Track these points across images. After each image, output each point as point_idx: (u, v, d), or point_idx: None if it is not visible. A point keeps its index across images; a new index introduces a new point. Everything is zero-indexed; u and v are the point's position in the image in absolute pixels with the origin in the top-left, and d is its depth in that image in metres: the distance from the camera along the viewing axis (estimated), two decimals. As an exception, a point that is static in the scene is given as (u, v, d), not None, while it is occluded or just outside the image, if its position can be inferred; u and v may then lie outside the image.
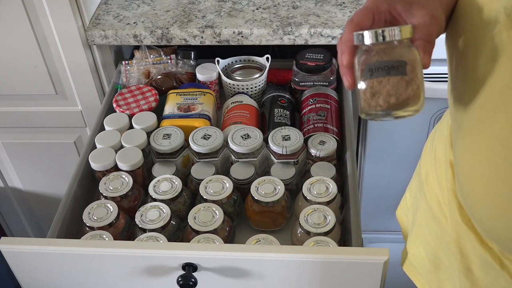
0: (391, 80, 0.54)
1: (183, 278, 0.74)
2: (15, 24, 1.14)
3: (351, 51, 0.57)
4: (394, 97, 0.54)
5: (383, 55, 0.55)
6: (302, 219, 0.84)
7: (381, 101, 0.54)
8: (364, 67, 0.55)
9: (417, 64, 0.54)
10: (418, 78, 0.54)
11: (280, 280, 0.77)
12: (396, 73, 0.54)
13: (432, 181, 0.77)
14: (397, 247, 0.94)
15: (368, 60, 0.55)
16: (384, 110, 0.55)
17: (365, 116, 0.57)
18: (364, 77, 0.55)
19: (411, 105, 0.55)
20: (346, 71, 0.58)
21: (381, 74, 0.54)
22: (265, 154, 0.99)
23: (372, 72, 0.54)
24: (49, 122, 1.33)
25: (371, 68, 0.55)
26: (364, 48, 0.56)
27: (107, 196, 0.89)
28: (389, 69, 0.54)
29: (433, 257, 0.78)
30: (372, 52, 0.55)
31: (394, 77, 0.54)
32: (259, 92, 1.16)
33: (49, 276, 0.81)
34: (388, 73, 0.54)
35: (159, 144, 0.97)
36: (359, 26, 0.57)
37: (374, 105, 0.55)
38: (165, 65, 1.16)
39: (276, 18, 1.14)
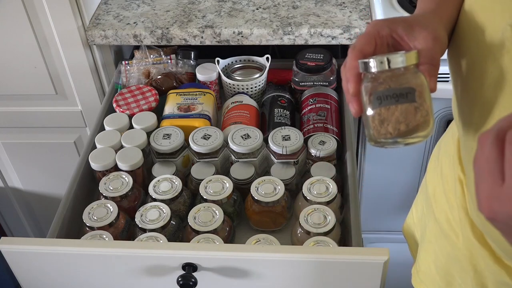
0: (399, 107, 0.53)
1: (183, 278, 0.74)
2: (15, 24, 1.14)
3: (356, 79, 0.56)
4: (404, 124, 0.53)
5: (390, 83, 0.54)
6: (302, 219, 0.83)
7: (390, 129, 0.54)
8: (372, 95, 0.54)
9: (425, 89, 0.54)
10: (427, 103, 0.54)
11: (280, 280, 0.77)
12: (405, 100, 0.53)
13: (440, 198, 0.76)
14: (397, 247, 0.94)
15: (375, 88, 0.54)
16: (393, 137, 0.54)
17: (374, 144, 0.56)
18: (372, 105, 0.54)
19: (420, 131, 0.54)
20: (353, 99, 0.57)
21: (390, 102, 0.53)
22: (265, 154, 0.99)
23: (381, 100, 0.54)
24: (49, 122, 1.33)
25: (380, 96, 0.54)
26: (370, 76, 0.55)
27: (107, 196, 0.89)
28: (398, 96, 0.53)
29: (445, 273, 0.77)
30: (379, 79, 0.55)
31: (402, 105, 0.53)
32: (259, 92, 1.16)
33: (49, 276, 0.81)
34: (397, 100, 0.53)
35: (159, 144, 0.97)
36: (362, 53, 0.56)
37: (384, 132, 0.54)
38: (165, 65, 1.16)
39: (276, 18, 1.14)
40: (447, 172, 0.74)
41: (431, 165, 0.83)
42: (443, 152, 0.77)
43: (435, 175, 0.79)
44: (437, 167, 0.78)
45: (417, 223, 0.89)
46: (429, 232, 0.80)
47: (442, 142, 0.80)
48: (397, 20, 0.58)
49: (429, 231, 0.80)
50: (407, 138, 0.54)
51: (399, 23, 0.57)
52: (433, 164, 0.81)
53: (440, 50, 0.57)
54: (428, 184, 0.81)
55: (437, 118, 1.22)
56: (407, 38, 0.57)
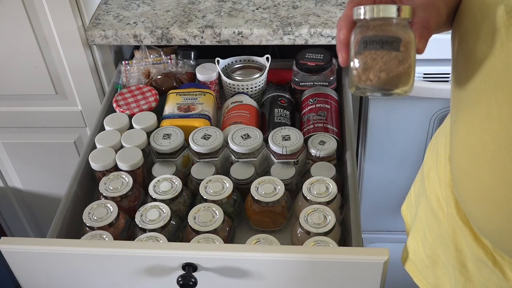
0: (384, 57, 0.55)
1: (183, 278, 0.74)
2: (15, 24, 1.14)
3: (349, 26, 0.58)
4: (385, 73, 0.55)
5: (379, 30, 0.56)
6: (302, 219, 0.84)
7: (371, 76, 0.55)
8: (359, 40, 0.56)
9: (412, 45, 0.55)
10: (411, 59, 0.55)
11: (280, 280, 0.77)
12: (389, 48, 0.55)
13: (433, 177, 0.77)
14: (397, 247, 0.94)
15: (363, 33, 0.56)
16: (373, 85, 0.56)
17: (355, 90, 0.57)
18: (358, 50, 0.56)
19: (401, 83, 0.55)
20: (342, 47, 0.58)
21: (374, 47, 0.55)
22: (265, 154, 0.99)
23: (366, 45, 0.55)
24: (49, 122, 1.33)
25: (366, 40, 0.55)
26: (362, 23, 0.57)
27: (107, 196, 0.89)
28: (383, 43, 0.55)
29: (431, 252, 0.78)
30: (369, 27, 0.56)
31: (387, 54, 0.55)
32: (259, 92, 1.16)
33: (49, 276, 0.81)
34: (382, 47, 0.55)
35: (159, 144, 0.97)
36: (359, 4, 0.57)
37: (365, 79, 0.56)
38: (165, 65, 1.16)
39: (276, 18, 1.14)
40: (441, 151, 0.75)
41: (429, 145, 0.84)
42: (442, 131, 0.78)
43: (431, 154, 0.80)
44: (434, 147, 0.80)
45: (413, 202, 0.90)
46: (420, 210, 0.81)
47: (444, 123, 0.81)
48: None
49: (420, 210, 0.81)
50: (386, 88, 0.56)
51: None
52: (432, 145, 0.82)
53: (435, 16, 0.58)
54: (425, 164, 0.82)
55: (437, 118, 1.22)
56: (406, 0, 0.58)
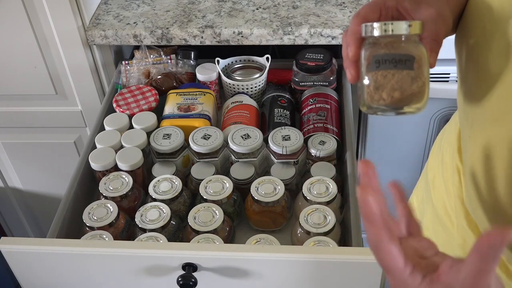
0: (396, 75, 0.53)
1: (183, 278, 0.74)
2: (15, 24, 1.14)
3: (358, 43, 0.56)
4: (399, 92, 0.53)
5: (391, 48, 0.54)
6: (302, 219, 0.83)
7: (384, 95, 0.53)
8: (370, 59, 0.54)
9: (424, 61, 0.53)
10: (424, 76, 0.53)
11: (280, 280, 0.77)
12: (403, 67, 0.53)
13: (439, 185, 0.76)
14: (397, 247, 0.94)
15: (375, 52, 0.54)
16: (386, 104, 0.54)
17: (367, 109, 0.55)
18: (369, 69, 0.54)
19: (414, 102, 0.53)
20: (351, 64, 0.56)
21: (388, 66, 0.53)
22: (265, 154, 0.99)
23: (379, 64, 0.53)
24: (49, 122, 1.33)
25: (378, 60, 0.53)
26: (372, 40, 0.55)
27: (107, 196, 0.89)
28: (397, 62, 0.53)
29: None
30: (380, 44, 0.54)
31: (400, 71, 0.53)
32: (259, 92, 1.16)
33: (49, 276, 0.81)
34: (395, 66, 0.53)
35: (159, 144, 0.97)
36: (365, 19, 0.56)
37: (377, 98, 0.54)
38: (165, 65, 1.16)
39: (276, 18, 1.14)
40: (447, 160, 0.74)
41: (433, 151, 0.83)
42: (446, 139, 0.77)
43: (436, 161, 0.79)
44: (438, 154, 0.79)
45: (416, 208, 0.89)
46: (426, 218, 0.80)
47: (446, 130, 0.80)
48: None
49: (426, 218, 0.80)
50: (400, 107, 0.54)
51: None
52: (435, 151, 0.82)
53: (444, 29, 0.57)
54: (429, 170, 0.82)
55: (437, 118, 1.22)
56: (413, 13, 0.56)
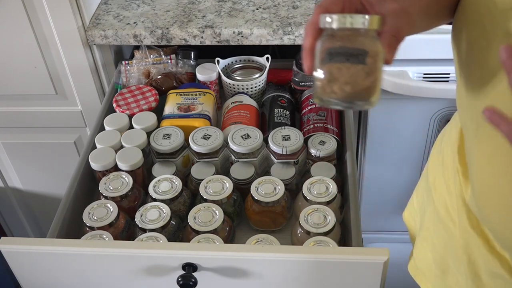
0: (350, 69, 0.53)
1: (183, 278, 0.74)
2: (15, 24, 1.14)
3: (315, 33, 0.55)
4: (350, 86, 0.53)
5: (346, 42, 0.53)
6: (302, 219, 0.83)
7: (336, 88, 0.53)
8: (324, 51, 0.54)
9: (379, 57, 0.53)
10: (378, 71, 0.53)
11: (280, 280, 0.77)
12: (355, 61, 0.52)
13: (440, 186, 0.76)
14: (397, 247, 0.94)
15: (330, 45, 0.54)
16: (337, 98, 0.53)
17: (319, 101, 0.55)
18: (323, 62, 0.54)
19: (366, 97, 0.53)
20: (307, 54, 0.56)
21: (340, 59, 0.53)
22: (265, 154, 0.99)
23: (332, 57, 0.53)
24: (49, 122, 1.33)
25: (332, 52, 0.53)
26: (329, 32, 0.55)
27: (107, 196, 0.89)
28: (349, 56, 0.53)
29: (441, 262, 0.77)
30: (336, 37, 0.54)
31: (353, 65, 0.53)
32: (259, 92, 1.16)
33: (49, 276, 0.81)
34: (348, 59, 0.53)
35: (159, 144, 0.97)
36: (327, 11, 0.55)
37: (329, 91, 0.53)
38: (165, 65, 1.16)
39: (276, 18, 1.14)
40: (448, 161, 0.74)
41: (433, 152, 0.83)
42: (446, 140, 0.77)
43: (436, 162, 0.79)
44: (439, 155, 0.79)
45: (417, 210, 0.89)
46: (427, 219, 0.80)
47: (446, 131, 0.80)
48: None
49: (427, 218, 0.80)
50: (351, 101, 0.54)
51: None
52: (436, 152, 0.81)
53: (407, 25, 0.56)
54: (429, 172, 0.82)
55: (437, 118, 1.22)
56: (377, 7, 0.56)
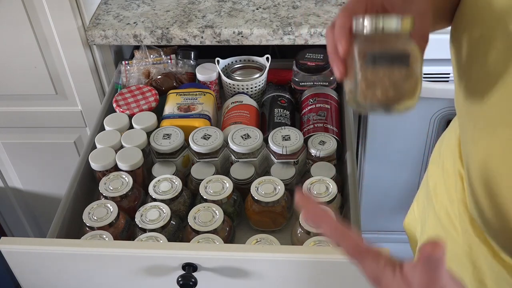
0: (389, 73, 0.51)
1: (183, 278, 0.74)
2: (15, 24, 1.14)
3: (348, 38, 0.53)
4: (393, 90, 0.51)
5: (385, 45, 0.52)
6: (302, 219, 0.83)
7: (378, 93, 0.51)
8: (365, 55, 0.52)
9: (417, 58, 0.52)
10: (417, 73, 0.52)
11: (280, 280, 0.77)
12: (400, 63, 0.51)
13: (441, 193, 0.75)
14: (397, 247, 0.94)
15: (370, 48, 0.52)
16: (379, 102, 0.52)
17: (356, 106, 0.54)
18: (365, 66, 0.52)
19: (406, 100, 0.52)
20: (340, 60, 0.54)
21: (384, 63, 0.51)
22: (265, 154, 0.99)
23: (375, 61, 0.51)
24: (49, 122, 1.33)
25: (374, 56, 0.51)
26: (365, 36, 0.53)
27: (107, 196, 0.89)
28: (393, 59, 0.51)
29: None
30: (374, 40, 0.52)
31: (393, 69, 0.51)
32: (259, 92, 1.16)
33: (49, 276, 0.81)
34: (392, 63, 0.51)
35: (159, 144, 0.97)
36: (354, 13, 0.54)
37: (371, 96, 0.52)
38: (165, 65, 1.16)
39: (276, 18, 1.14)
40: (449, 166, 0.74)
41: (433, 159, 0.83)
42: (445, 146, 0.77)
43: (436, 169, 0.79)
44: (439, 161, 0.78)
45: (418, 218, 0.89)
46: (428, 227, 0.80)
47: (445, 136, 0.80)
48: None
49: (428, 226, 0.80)
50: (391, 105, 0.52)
51: None
52: (435, 158, 0.81)
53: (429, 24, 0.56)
54: (429, 178, 0.81)
55: (437, 118, 1.22)
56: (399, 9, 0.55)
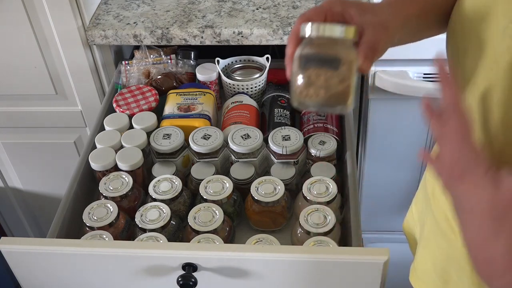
0: (326, 74, 0.56)
1: (183, 278, 0.74)
2: (15, 24, 1.14)
3: (295, 42, 0.59)
4: (324, 90, 0.57)
5: (321, 49, 0.57)
6: (302, 219, 0.83)
7: (312, 92, 0.57)
8: (301, 57, 0.58)
9: (353, 65, 0.57)
10: (351, 79, 0.57)
11: (280, 280, 0.77)
12: (329, 67, 0.56)
13: (439, 196, 0.76)
14: (397, 247, 0.94)
15: (306, 51, 0.58)
16: (313, 101, 0.58)
17: (297, 104, 0.59)
18: (299, 66, 0.58)
19: (339, 101, 0.58)
20: (288, 61, 0.60)
21: (314, 65, 0.57)
22: (265, 154, 0.99)
23: (307, 62, 0.57)
24: (49, 122, 1.33)
25: (307, 58, 0.57)
26: (307, 40, 0.58)
27: (107, 196, 0.89)
28: (323, 62, 0.57)
29: (442, 272, 0.77)
30: (313, 45, 0.58)
31: (328, 71, 0.56)
32: (259, 92, 1.16)
33: (49, 276, 0.81)
34: (321, 66, 0.57)
35: (159, 144, 0.97)
36: (309, 21, 0.59)
37: (305, 94, 0.58)
38: (165, 65, 1.16)
39: (276, 18, 1.14)
40: None
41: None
42: None
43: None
44: None
45: (416, 220, 0.89)
46: (427, 229, 0.80)
47: None
48: (352, 2, 0.61)
49: (427, 229, 0.80)
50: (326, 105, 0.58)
51: (353, 5, 0.60)
52: None
53: (385, 39, 0.59)
54: (428, 181, 0.82)
55: (437, 118, 1.22)
56: (358, 20, 0.59)
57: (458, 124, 0.48)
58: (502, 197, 0.43)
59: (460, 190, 0.47)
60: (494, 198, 0.44)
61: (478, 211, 0.45)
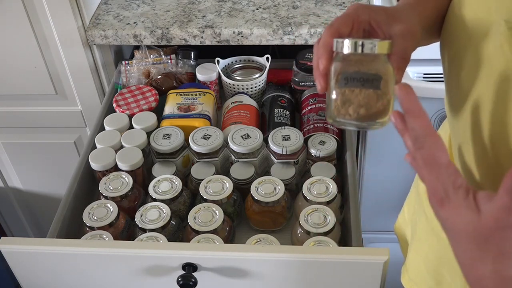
0: (364, 92, 0.55)
1: (183, 278, 0.74)
2: (15, 24, 1.14)
3: (329, 56, 0.58)
4: (364, 109, 0.55)
5: (360, 66, 0.56)
6: (302, 219, 0.83)
7: (351, 111, 0.56)
8: (340, 75, 0.56)
9: (390, 79, 0.56)
10: (389, 93, 0.56)
11: (280, 280, 0.77)
12: (370, 86, 0.55)
13: None
14: (397, 247, 0.94)
15: (344, 69, 0.56)
16: (352, 119, 0.56)
17: (333, 122, 0.58)
18: (338, 85, 0.56)
19: (378, 118, 0.56)
20: (321, 76, 0.58)
21: (355, 84, 0.55)
22: (265, 154, 0.99)
23: (347, 81, 0.56)
24: (49, 122, 1.33)
25: (347, 77, 0.56)
26: (342, 56, 0.57)
27: (107, 196, 0.89)
28: (364, 81, 0.55)
29: (434, 272, 0.77)
30: (350, 61, 0.56)
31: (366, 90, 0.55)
32: (259, 92, 1.16)
33: (49, 276, 0.81)
34: (363, 85, 0.55)
35: (159, 144, 0.97)
36: (337, 32, 0.58)
37: (344, 113, 0.56)
38: (165, 65, 1.16)
39: (276, 18, 1.14)
40: None
41: None
42: None
43: None
44: None
45: (408, 221, 0.89)
46: (419, 230, 0.80)
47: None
48: (378, 8, 0.60)
49: (419, 229, 0.80)
50: (364, 123, 0.56)
51: (380, 12, 0.59)
52: None
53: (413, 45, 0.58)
54: (419, 181, 0.81)
55: (437, 118, 1.22)
56: (385, 27, 0.58)
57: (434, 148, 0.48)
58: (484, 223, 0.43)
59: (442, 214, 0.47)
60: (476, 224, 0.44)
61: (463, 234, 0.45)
